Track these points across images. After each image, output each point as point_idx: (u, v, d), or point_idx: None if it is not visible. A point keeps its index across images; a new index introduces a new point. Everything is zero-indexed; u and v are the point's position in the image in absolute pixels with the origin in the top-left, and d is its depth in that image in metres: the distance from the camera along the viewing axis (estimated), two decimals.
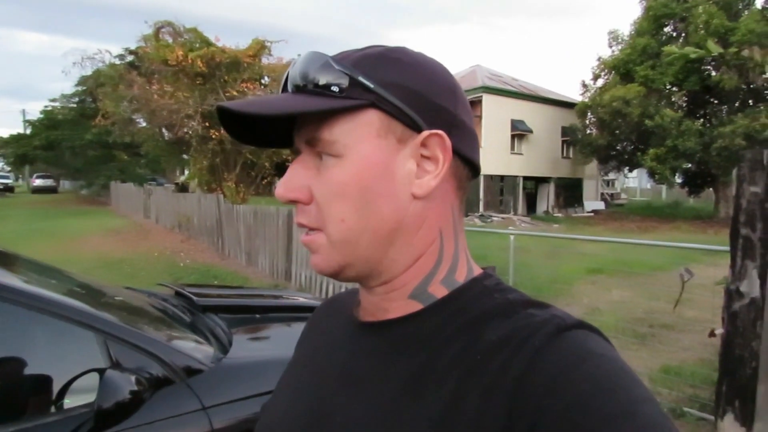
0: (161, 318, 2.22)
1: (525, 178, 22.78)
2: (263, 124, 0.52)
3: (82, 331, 1.60)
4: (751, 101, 18.78)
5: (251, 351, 2.12)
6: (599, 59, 22.07)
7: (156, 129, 15.57)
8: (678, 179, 21.97)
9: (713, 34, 16.31)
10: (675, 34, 20.18)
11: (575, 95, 23.89)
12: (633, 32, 20.95)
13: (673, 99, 19.62)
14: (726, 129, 16.90)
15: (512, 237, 4.91)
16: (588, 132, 22.39)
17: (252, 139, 0.54)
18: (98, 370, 1.51)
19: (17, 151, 29.42)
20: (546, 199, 23.75)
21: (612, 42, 22.07)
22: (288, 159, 12.65)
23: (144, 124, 16.51)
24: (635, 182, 41.41)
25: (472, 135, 0.52)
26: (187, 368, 1.68)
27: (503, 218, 19.50)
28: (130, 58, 21.06)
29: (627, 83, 19.29)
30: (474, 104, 19.77)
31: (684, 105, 19.99)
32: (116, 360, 1.58)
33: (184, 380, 1.64)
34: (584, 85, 22.78)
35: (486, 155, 19.16)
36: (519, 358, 0.41)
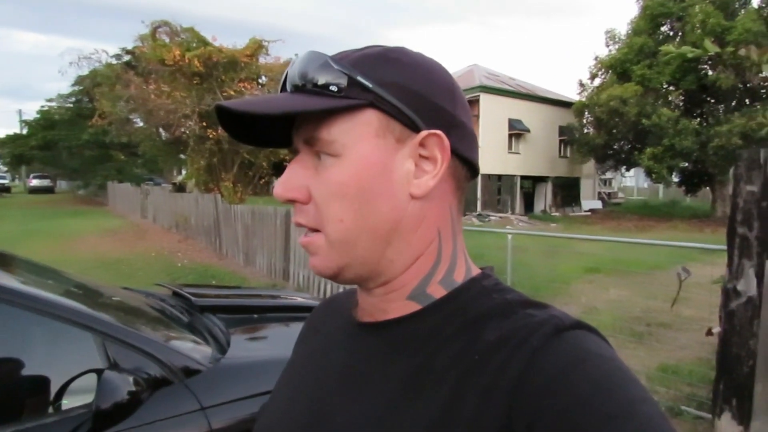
0: (159, 318, 2.21)
1: (522, 178, 22.80)
2: (262, 124, 0.52)
3: (80, 332, 1.60)
4: (748, 100, 18.86)
5: (249, 351, 2.12)
6: (596, 58, 22.13)
7: (153, 129, 15.56)
8: (675, 178, 22.05)
9: (710, 34, 16.36)
10: (672, 34, 20.23)
11: (572, 94, 23.93)
12: (630, 31, 20.99)
13: (670, 98, 19.66)
14: (723, 128, 16.96)
15: (510, 236, 4.91)
16: (585, 131, 22.42)
17: (250, 139, 0.54)
18: (96, 371, 1.51)
19: (14, 152, 29.40)
20: (543, 199, 23.78)
21: (609, 41, 22.11)
22: (286, 159, 12.66)
23: (141, 124, 16.52)
24: (632, 181, 41.51)
25: (471, 135, 0.52)
26: (186, 368, 1.67)
27: (501, 217, 19.53)
28: (127, 58, 21.00)
29: (624, 82, 19.34)
30: (471, 103, 19.76)
31: (681, 104, 20.07)
32: (114, 361, 1.58)
33: (183, 380, 1.64)
34: (581, 85, 22.82)
35: (483, 154, 19.05)
36: (518, 359, 0.41)
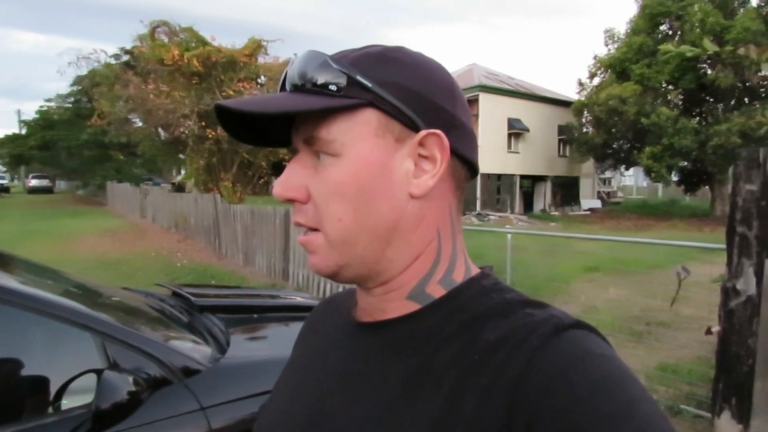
0: (159, 318, 2.21)
1: (522, 177, 22.81)
2: (261, 123, 0.52)
3: (80, 332, 1.60)
4: (747, 99, 18.87)
5: (249, 351, 2.12)
6: (595, 58, 22.12)
7: (152, 129, 15.58)
8: (674, 177, 22.04)
9: (709, 33, 16.35)
10: (671, 33, 20.23)
11: (572, 94, 23.93)
12: (629, 31, 21.00)
13: (669, 97, 19.67)
14: (722, 127, 16.98)
15: (509, 236, 4.92)
16: (584, 130, 22.42)
17: (250, 138, 0.54)
18: (96, 371, 1.51)
19: (13, 152, 29.39)
20: (543, 198, 23.79)
21: (608, 40, 22.11)
22: (285, 158, 12.65)
23: (140, 124, 16.51)
24: (631, 180, 41.52)
25: (471, 135, 0.52)
26: (185, 368, 1.67)
27: (500, 217, 19.54)
28: (126, 58, 20.98)
29: (623, 82, 19.34)
30: (471, 103, 19.78)
31: (680, 103, 20.07)
32: (114, 361, 1.58)
33: (182, 380, 1.64)
34: (580, 84, 22.81)
35: (483, 154, 19.11)
36: (517, 358, 0.41)
